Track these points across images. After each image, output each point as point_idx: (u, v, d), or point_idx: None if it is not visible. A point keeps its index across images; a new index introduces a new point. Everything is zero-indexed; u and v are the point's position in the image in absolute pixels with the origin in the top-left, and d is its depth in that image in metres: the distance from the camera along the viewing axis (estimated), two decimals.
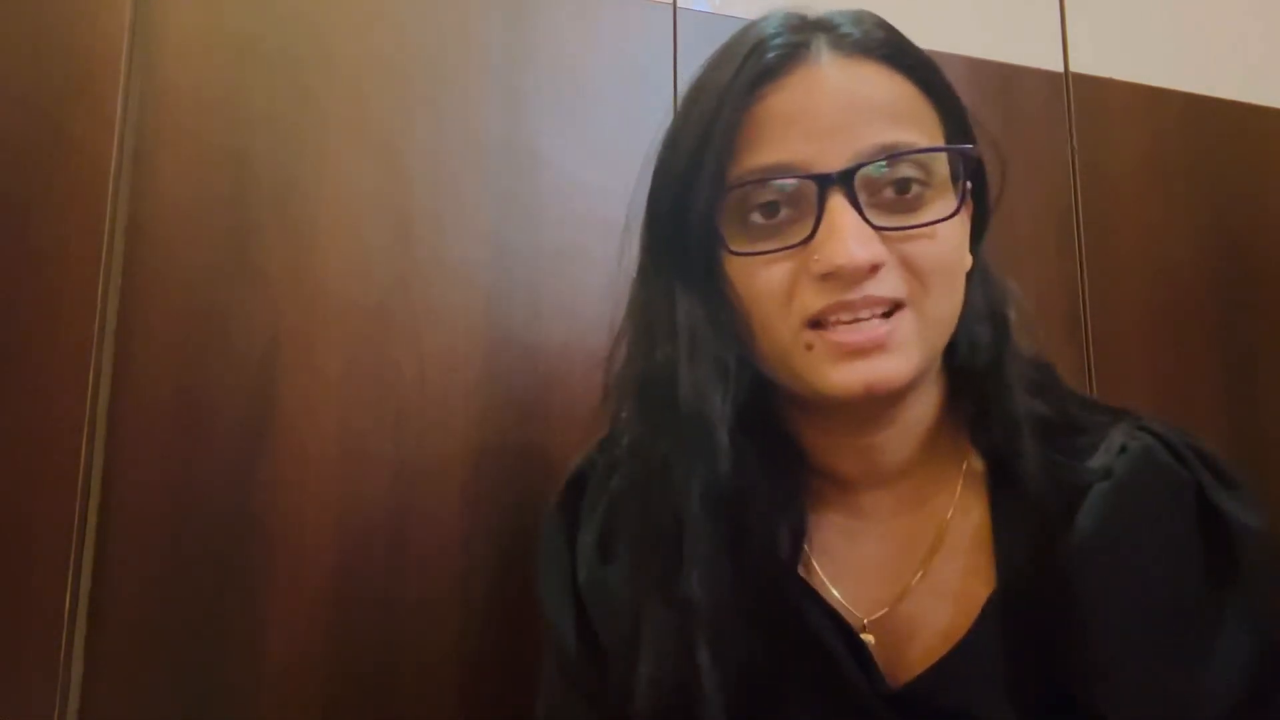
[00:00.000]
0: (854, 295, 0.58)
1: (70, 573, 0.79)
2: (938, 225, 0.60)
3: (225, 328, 0.87)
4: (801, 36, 0.62)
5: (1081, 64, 1.21)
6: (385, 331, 0.91)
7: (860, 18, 0.64)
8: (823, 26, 0.63)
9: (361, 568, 0.87)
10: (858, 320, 0.59)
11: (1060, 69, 1.20)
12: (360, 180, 0.93)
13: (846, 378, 0.59)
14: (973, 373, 0.66)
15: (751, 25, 0.65)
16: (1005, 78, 1.17)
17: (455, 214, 0.95)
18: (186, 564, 0.83)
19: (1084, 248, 1.16)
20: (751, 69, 0.61)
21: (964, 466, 0.68)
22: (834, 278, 0.58)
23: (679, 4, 1.06)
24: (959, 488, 0.67)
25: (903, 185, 0.60)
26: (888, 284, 0.59)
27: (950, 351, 0.66)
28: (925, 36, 1.14)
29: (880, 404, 0.62)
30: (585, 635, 0.68)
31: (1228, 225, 1.22)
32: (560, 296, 0.95)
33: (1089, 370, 1.13)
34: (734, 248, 0.61)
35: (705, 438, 0.62)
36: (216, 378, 0.86)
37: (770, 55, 0.61)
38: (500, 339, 0.94)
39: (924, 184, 0.60)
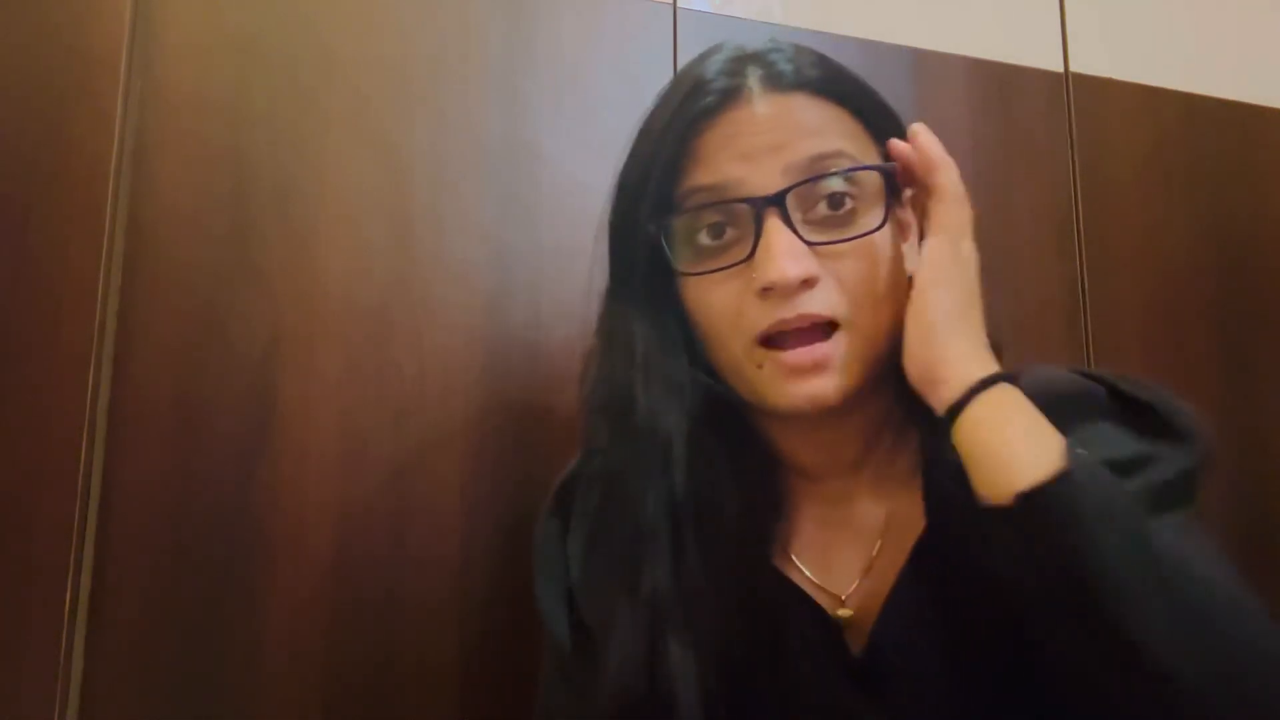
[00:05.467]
0: (789, 314, 0.63)
1: (70, 573, 0.79)
2: (870, 241, 0.65)
3: (225, 328, 0.87)
4: (737, 79, 0.66)
5: (1081, 64, 1.21)
6: (385, 331, 0.91)
7: (797, 54, 0.69)
8: (758, 62, 0.67)
9: (361, 567, 0.87)
10: (800, 344, 0.64)
11: (1060, 69, 1.20)
12: (360, 180, 0.93)
13: (792, 396, 0.64)
14: None
15: (693, 65, 0.70)
16: (1005, 78, 1.17)
17: (455, 214, 0.95)
18: (186, 564, 0.83)
19: (1084, 248, 1.16)
20: (690, 109, 0.66)
21: (914, 449, 0.71)
22: (771, 292, 0.63)
23: (679, 4, 1.06)
24: (909, 466, 0.71)
25: (836, 201, 0.65)
26: (822, 301, 0.64)
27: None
28: (925, 36, 1.15)
29: (826, 411, 0.66)
30: (578, 633, 0.71)
31: (1228, 225, 1.22)
32: (560, 296, 0.95)
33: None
34: (683, 269, 0.67)
35: (662, 453, 0.67)
36: (216, 378, 0.86)
37: (708, 98, 0.66)
38: (500, 339, 0.94)
39: (856, 198, 0.66)
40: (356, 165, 0.93)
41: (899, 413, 0.71)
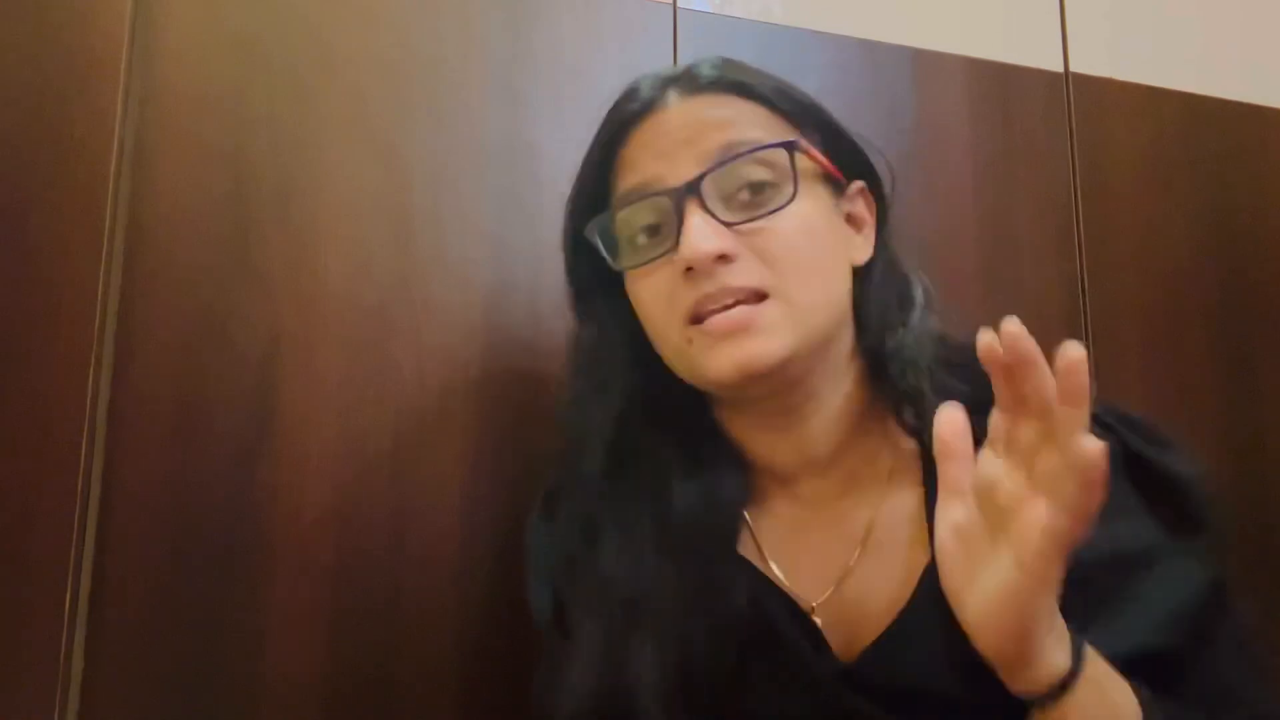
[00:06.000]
0: (712, 288, 0.66)
1: (70, 573, 0.79)
2: (798, 219, 0.68)
3: (225, 328, 0.87)
4: (658, 92, 0.72)
5: (1081, 64, 1.21)
6: (385, 331, 0.91)
7: (720, 63, 0.73)
8: (679, 76, 0.72)
9: (361, 568, 0.87)
10: (726, 309, 0.66)
11: (1060, 69, 1.20)
12: (360, 180, 0.93)
13: (720, 362, 0.66)
14: (882, 353, 0.71)
15: (628, 85, 0.75)
16: (1005, 78, 1.17)
17: (455, 214, 0.95)
18: (186, 564, 0.83)
19: (1084, 248, 1.16)
20: (614, 122, 0.73)
21: (895, 446, 0.71)
22: (692, 272, 0.66)
23: (679, 4, 1.06)
24: (890, 467, 0.71)
25: (757, 188, 0.68)
26: (743, 274, 0.66)
27: (862, 337, 0.72)
28: (925, 36, 1.15)
29: (780, 391, 0.68)
30: (562, 629, 0.73)
31: (1228, 225, 1.22)
32: (560, 295, 0.95)
33: (1089, 370, 1.12)
34: (622, 265, 0.71)
35: (607, 451, 0.72)
36: (216, 378, 0.86)
37: (631, 106, 0.72)
38: (500, 338, 0.94)
39: (777, 184, 0.68)
40: (356, 165, 0.93)
41: (876, 408, 0.71)
